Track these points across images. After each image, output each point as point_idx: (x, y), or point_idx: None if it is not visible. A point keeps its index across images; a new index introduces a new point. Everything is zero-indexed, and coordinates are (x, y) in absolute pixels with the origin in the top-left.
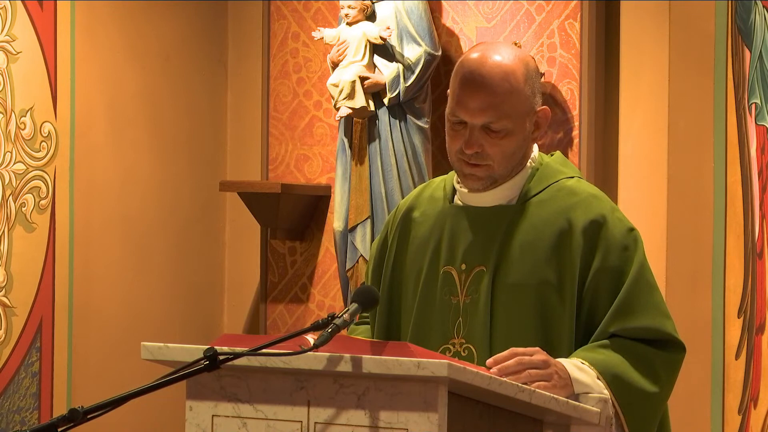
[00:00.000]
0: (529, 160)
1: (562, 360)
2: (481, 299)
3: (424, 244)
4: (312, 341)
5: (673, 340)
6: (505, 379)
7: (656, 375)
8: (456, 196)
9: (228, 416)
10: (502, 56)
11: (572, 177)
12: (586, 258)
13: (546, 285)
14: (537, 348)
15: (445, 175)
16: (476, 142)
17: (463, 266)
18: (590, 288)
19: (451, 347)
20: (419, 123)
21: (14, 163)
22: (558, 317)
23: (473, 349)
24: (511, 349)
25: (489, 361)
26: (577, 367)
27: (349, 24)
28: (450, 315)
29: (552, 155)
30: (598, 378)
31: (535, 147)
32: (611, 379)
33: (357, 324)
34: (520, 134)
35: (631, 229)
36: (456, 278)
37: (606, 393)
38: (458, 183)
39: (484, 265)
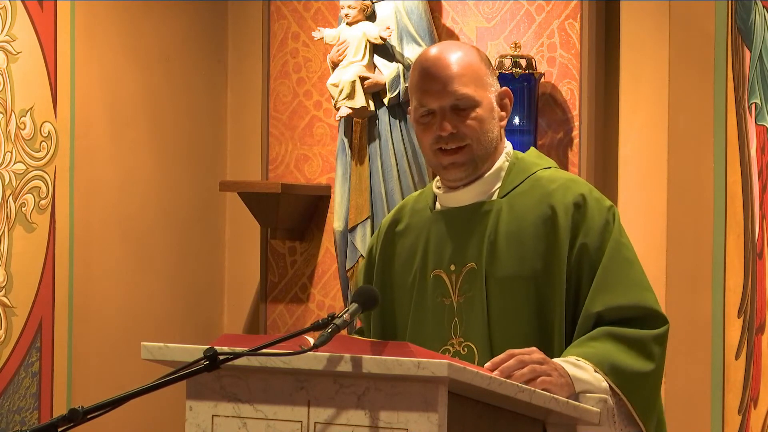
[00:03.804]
0: (504, 155)
1: (557, 360)
2: (476, 296)
3: (411, 255)
4: (312, 341)
5: (655, 314)
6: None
7: (648, 353)
8: (437, 203)
9: (228, 416)
10: (450, 45)
11: (549, 168)
12: (570, 239)
13: (537, 273)
14: (533, 348)
15: (424, 188)
16: (450, 122)
17: (453, 267)
18: (574, 268)
19: (451, 348)
20: None
21: (14, 163)
22: (551, 303)
23: (473, 347)
24: (507, 351)
25: (487, 365)
26: (574, 365)
27: (349, 24)
28: (444, 317)
29: (527, 152)
30: (596, 371)
31: (509, 144)
32: (608, 369)
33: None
34: (488, 111)
35: (609, 207)
36: (446, 280)
37: (605, 385)
38: (438, 188)
39: (474, 262)
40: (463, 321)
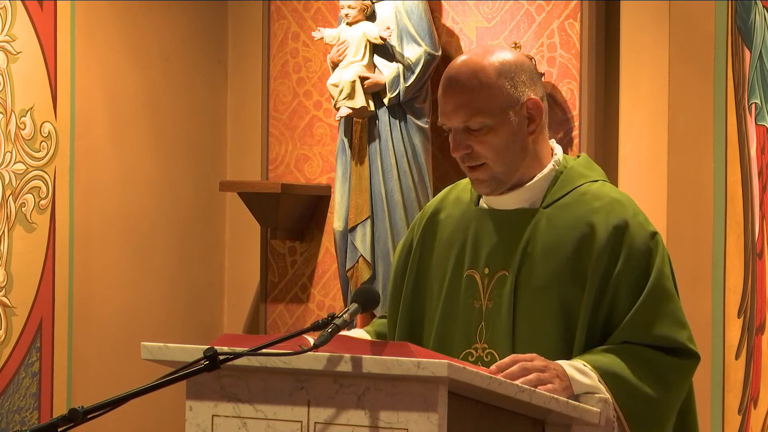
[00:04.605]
0: (553, 163)
1: (561, 362)
2: (504, 304)
3: (448, 248)
4: (312, 341)
5: (686, 350)
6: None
7: (663, 379)
8: (481, 199)
9: (228, 416)
10: (474, 56)
11: (596, 181)
12: (608, 262)
13: (568, 289)
14: (534, 354)
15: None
16: (462, 144)
17: (486, 270)
18: (610, 292)
19: (474, 352)
20: (419, 123)
21: (14, 163)
22: (576, 320)
23: (496, 355)
24: (511, 356)
25: (492, 367)
26: (578, 369)
27: (349, 24)
28: (473, 319)
29: (578, 157)
30: (600, 381)
31: (559, 149)
32: (613, 381)
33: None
34: (506, 128)
35: (653, 234)
36: (479, 282)
37: (607, 395)
38: None
39: (507, 269)
40: (489, 327)
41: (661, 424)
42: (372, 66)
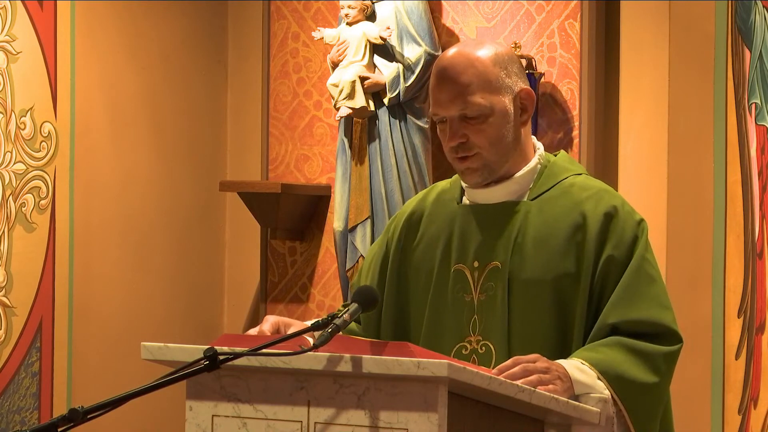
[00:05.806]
0: (537, 157)
1: (561, 361)
2: (498, 296)
3: (432, 245)
4: (312, 341)
5: (670, 332)
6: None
7: (656, 368)
8: (465, 196)
9: (228, 416)
10: (466, 47)
11: (580, 174)
12: (599, 248)
13: (563, 279)
14: (537, 355)
15: (451, 178)
16: (458, 133)
17: (476, 263)
18: (600, 277)
19: (468, 345)
20: (419, 123)
21: (14, 163)
22: (572, 309)
23: (491, 346)
24: (513, 357)
25: (494, 370)
26: (578, 369)
27: (349, 24)
28: (464, 313)
29: (556, 155)
30: (599, 378)
31: (541, 146)
32: (612, 378)
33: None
34: (501, 117)
35: (640, 222)
36: (468, 276)
37: (606, 393)
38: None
39: (499, 261)
40: (483, 319)
41: (656, 411)
42: (372, 66)
